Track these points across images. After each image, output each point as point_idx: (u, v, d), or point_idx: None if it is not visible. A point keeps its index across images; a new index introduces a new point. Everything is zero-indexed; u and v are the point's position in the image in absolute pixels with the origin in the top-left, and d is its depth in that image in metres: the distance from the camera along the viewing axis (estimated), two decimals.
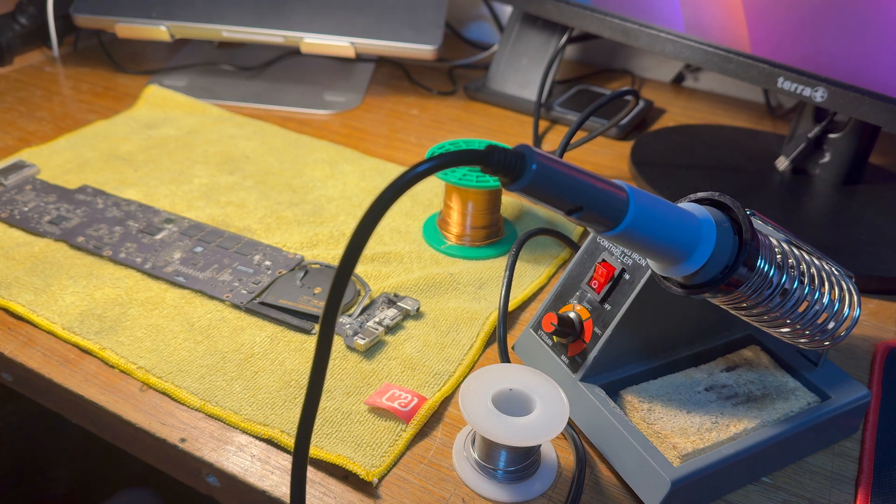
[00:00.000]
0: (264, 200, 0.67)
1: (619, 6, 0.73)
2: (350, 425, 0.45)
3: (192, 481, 0.45)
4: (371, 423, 0.45)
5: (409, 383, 0.49)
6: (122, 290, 0.55)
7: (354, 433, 0.45)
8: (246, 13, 0.85)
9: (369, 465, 0.43)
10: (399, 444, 0.44)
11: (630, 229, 0.33)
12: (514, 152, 0.30)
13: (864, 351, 0.55)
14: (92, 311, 0.53)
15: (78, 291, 0.55)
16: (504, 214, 0.65)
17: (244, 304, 0.54)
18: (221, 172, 0.71)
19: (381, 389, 0.47)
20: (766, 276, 0.36)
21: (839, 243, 0.63)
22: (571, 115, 0.85)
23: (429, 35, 0.84)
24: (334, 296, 0.29)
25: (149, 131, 0.78)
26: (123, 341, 0.51)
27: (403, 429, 0.45)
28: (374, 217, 0.28)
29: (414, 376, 0.49)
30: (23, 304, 0.53)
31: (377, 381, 0.49)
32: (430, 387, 0.48)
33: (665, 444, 0.41)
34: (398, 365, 0.50)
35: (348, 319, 0.53)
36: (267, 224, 0.63)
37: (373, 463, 0.43)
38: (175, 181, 0.69)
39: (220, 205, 0.66)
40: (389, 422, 0.46)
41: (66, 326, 0.51)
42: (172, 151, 0.74)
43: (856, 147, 0.70)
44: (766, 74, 0.66)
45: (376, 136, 0.81)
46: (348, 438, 0.44)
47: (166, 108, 0.83)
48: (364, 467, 0.42)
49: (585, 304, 0.46)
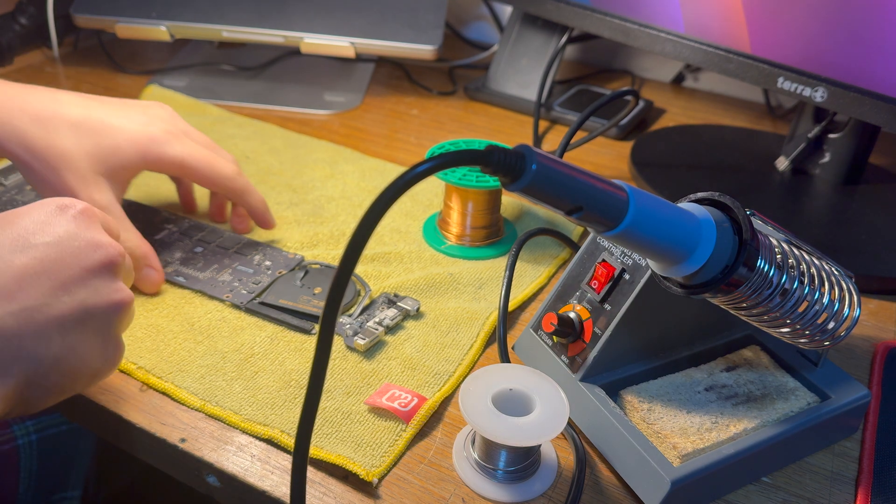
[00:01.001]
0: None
1: (619, 6, 0.73)
2: (350, 425, 0.45)
3: (192, 481, 0.45)
4: (371, 424, 0.45)
5: (409, 383, 0.49)
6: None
7: (354, 433, 0.45)
8: (246, 13, 0.85)
9: (369, 465, 0.43)
10: (399, 444, 0.44)
11: (630, 229, 0.33)
12: (514, 152, 0.30)
13: (864, 351, 0.55)
14: None
15: None
16: (504, 214, 0.65)
17: (244, 304, 0.54)
18: None
19: (381, 389, 0.47)
20: (766, 276, 0.36)
21: (839, 243, 0.63)
22: (571, 115, 0.85)
23: (429, 35, 0.84)
24: (334, 296, 0.29)
25: None
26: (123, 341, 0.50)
27: (403, 429, 0.45)
28: (374, 217, 0.28)
29: (414, 376, 0.49)
30: None
31: (377, 381, 0.49)
32: (430, 387, 0.48)
33: (665, 444, 0.41)
34: (398, 365, 0.50)
35: (348, 319, 0.53)
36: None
37: (373, 463, 0.43)
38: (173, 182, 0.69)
39: None
40: (389, 422, 0.46)
41: None
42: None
43: (856, 147, 0.70)
44: (766, 74, 0.66)
45: (376, 136, 0.81)
46: (348, 438, 0.44)
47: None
48: (364, 467, 0.42)
49: (585, 304, 0.46)
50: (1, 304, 0.37)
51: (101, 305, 0.40)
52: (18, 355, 0.37)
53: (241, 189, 0.59)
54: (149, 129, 0.54)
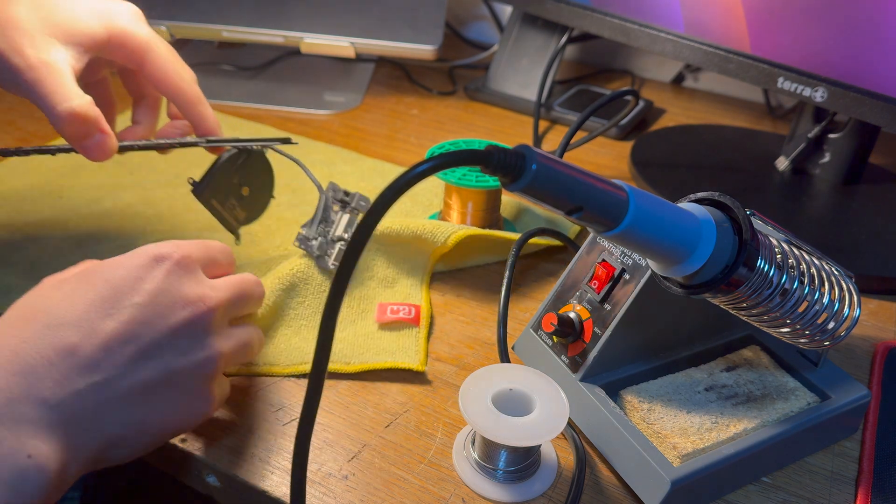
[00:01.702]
0: None
1: (619, 6, 0.73)
2: (375, 341, 0.51)
3: (191, 481, 0.45)
4: (389, 336, 0.52)
5: (396, 298, 0.55)
6: None
7: (382, 345, 0.51)
8: (246, 13, 0.85)
9: (412, 361, 0.49)
10: (421, 341, 0.51)
11: (630, 229, 0.33)
12: (514, 152, 0.30)
13: (864, 351, 0.55)
14: None
15: None
16: (504, 214, 0.65)
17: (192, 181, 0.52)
18: None
19: (380, 309, 0.53)
20: (766, 276, 0.36)
21: (839, 243, 0.63)
22: (571, 115, 0.85)
23: (429, 35, 0.84)
24: (334, 299, 0.29)
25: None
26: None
27: (417, 330, 0.52)
28: (374, 217, 0.28)
29: (396, 292, 0.55)
30: None
31: (368, 303, 0.54)
32: (414, 296, 0.55)
33: (665, 444, 0.41)
34: (377, 284, 0.56)
35: (310, 232, 0.52)
36: (267, 225, 0.63)
37: (413, 359, 0.50)
38: (171, 184, 0.68)
39: None
40: (403, 330, 0.52)
41: None
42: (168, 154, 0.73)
43: (856, 147, 0.70)
44: (766, 74, 0.66)
45: (376, 136, 0.81)
46: (381, 351, 0.50)
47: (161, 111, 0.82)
48: (411, 363, 0.49)
49: (585, 304, 0.46)
50: (84, 375, 0.35)
51: (187, 367, 0.39)
52: (101, 426, 0.36)
53: (197, 96, 0.54)
54: (114, 5, 0.51)
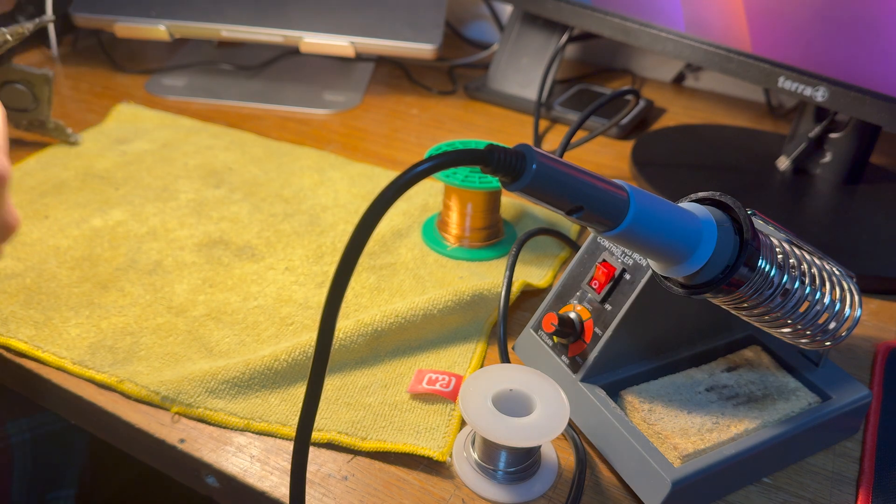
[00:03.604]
0: (258, 213, 0.65)
1: (619, 5, 0.73)
2: (401, 415, 0.47)
3: (191, 482, 0.45)
4: (420, 410, 0.47)
5: (440, 365, 0.51)
6: (131, 319, 0.53)
7: (409, 421, 0.46)
8: (245, 12, 0.85)
9: (436, 447, 0.44)
10: (453, 422, 0.46)
11: (630, 229, 0.33)
12: (515, 152, 0.30)
13: (865, 351, 0.55)
14: (102, 343, 0.50)
15: (82, 323, 0.52)
16: (504, 215, 0.65)
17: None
18: (207, 186, 0.68)
19: (417, 377, 0.49)
20: (767, 277, 0.36)
21: (840, 243, 0.63)
22: (572, 114, 0.85)
23: (429, 34, 0.84)
24: (333, 300, 0.29)
25: (122, 147, 0.74)
26: (142, 370, 0.48)
27: (453, 407, 0.47)
28: (373, 217, 0.28)
29: (440, 359, 0.51)
30: (24, 340, 0.50)
31: (408, 370, 0.50)
32: (461, 365, 0.51)
33: (666, 445, 0.41)
34: (423, 352, 0.52)
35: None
36: (266, 238, 0.62)
37: (438, 444, 0.44)
38: (160, 198, 0.66)
39: (212, 220, 0.63)
40: (437, 404, 0.47)
41: (76, 361, 0.49)
42: (151, 166, 0.71)
43: (857, 147, 0.70)
44: (766, 74, 0.66)
45: (376, 135, 0.81)
46: (405, 427, 0.46)
47: (136, 122, 0.79)
48: (433, 450, 0.44)
49: (586, 305, 0.46)
50: None
51: None
52: None
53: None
54: None
